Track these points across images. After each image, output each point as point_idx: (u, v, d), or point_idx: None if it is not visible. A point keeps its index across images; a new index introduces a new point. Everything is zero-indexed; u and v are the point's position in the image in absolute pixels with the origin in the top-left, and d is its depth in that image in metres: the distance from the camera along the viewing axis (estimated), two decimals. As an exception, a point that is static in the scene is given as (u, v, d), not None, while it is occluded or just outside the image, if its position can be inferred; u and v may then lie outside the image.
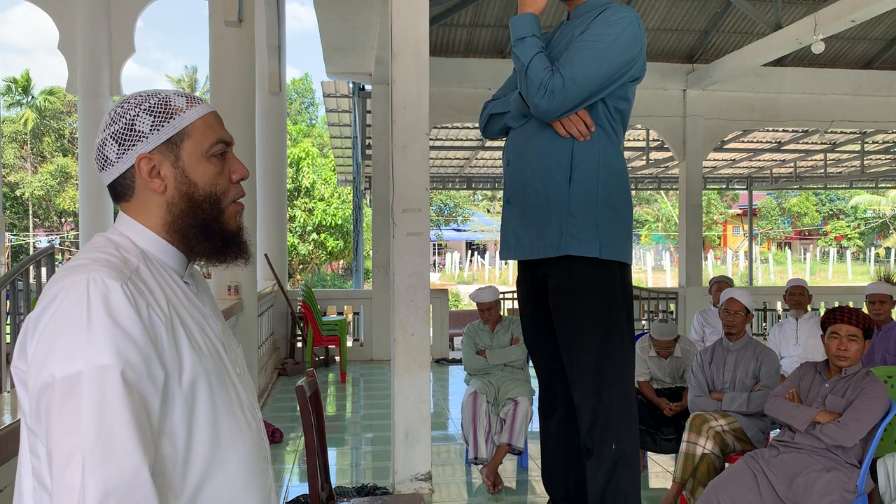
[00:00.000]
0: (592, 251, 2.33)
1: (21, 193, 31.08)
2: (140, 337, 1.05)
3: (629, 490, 2.43)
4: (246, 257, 1.28)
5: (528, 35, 2.35)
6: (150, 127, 1.17)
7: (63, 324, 1.03)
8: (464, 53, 9.02)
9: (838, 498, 2.86)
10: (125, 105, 1.20)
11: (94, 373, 1.00)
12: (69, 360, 1.00)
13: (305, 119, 38.31)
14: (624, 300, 2.45)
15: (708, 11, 8.75)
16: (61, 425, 0.99)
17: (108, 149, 1.18)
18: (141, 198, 1.20)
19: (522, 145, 2.48)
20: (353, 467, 4.92)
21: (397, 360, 4.11)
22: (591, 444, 2.43)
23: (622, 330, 2.42)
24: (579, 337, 2.40)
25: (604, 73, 2.26)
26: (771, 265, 34.79)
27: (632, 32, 2.30)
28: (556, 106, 2.26)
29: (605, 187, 2.36)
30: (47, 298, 1.06)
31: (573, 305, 2.39)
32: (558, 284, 2.41)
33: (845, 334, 3.10)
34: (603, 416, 2.39)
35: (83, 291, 1.04)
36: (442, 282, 31.43)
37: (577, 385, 2.44)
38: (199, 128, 1.21)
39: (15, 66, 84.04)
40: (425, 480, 4.08)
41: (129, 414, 1.01)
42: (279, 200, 9.28)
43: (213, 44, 5.69)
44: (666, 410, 4.37)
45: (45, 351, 1.02)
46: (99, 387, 1.00)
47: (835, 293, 11.21)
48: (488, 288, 4.88)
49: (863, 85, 9.69)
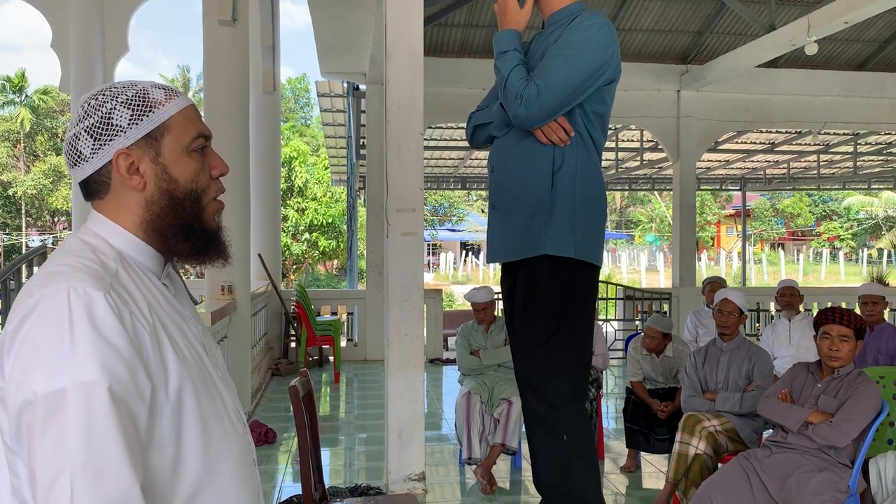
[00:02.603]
0: (567, 251, 2.39)
1: (14, 192, 30.97)
2: (125, 349, 1.00)
3: (586, 482, 2.45)
4: (226, 258, 1.23)
5: (510, 49, 2.44)
6: (129, 121, 1.11)
7: (43, 337, 0.97)
8: (458, 54, 9.03)
9: (830, 498, 2.87)
10: (100, 97, 1.13)
11: (80, 389, 0.95)
12: (52, 376, 0.95)
13: (299, 118, 38.25)
14: (587, 298, 2.50)
15: (702, 13, 8.78)
16: (45, 445, 0.93)
17: (81, 144, 1.12)
18: (116, 195, 1.14)
19: (506, 153, 2.55)
20: (346, 467, 4.91)
21: (391, 360, 4.11)
22: (542, 440, 2.46)
23: (578, 326, 2.46)
24: (534, 329, 2.45)
25: (576, 78, 2.32)
26: (764, 266, 34.90)
27: (601, 37, 2.35)
28: (532, 114, 2.32)
29: (581, 191, 2.43)
30: (24, 309, 1.00)
31: (535, 299, 2.45)
32: (525, 278, 2.48)
33: (837, 335, 3.11)
34: (552, 409, 2.43)
35: (64, 302, 0.99)
36: (436, 282, 31.43)
37: (524, 377, 2.49)
38: (180, 122, 1.15)
39: (5, 64, 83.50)
40: (419, 480, 4.08)
41: (118, 431, 0.96)
42: (273, 200, 9.26)
43: (207, 43, 5.68)
44: (659, 413, 4.38)
45: (25, 366, 0.96)
46: (86, 404, 0.95)
47: (827, 294, 11.25)
48: (484, 288, 4.89)
49: (856, 86, 9.73)
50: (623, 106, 9.05)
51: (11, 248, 30.32)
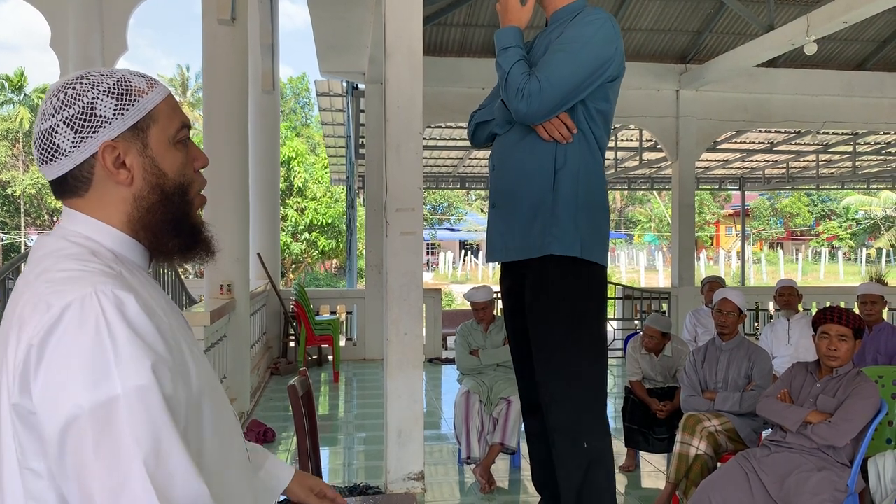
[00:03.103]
0: (574, 251, 2.36)
1: (12, 192, 30.93)
2: (162, 349, 0.96)
3: (604, 489, 2.44)
4: (213, 253, 1.17)
5: (511, 45, 2.41)
6: (114, 111, 1.03)
7: (80, 346, 0.89)
8: (458, 53, 9.02)
9: (829, 497, 2.87)
10: (78, 87, 1.04)
11: (133, 395, 0.89)
12: (97, 386, 0.88)
13: (300, 118, 38.22)
14: (598, 301, 2.48)
15: (701, 12, 8.78)
16: (102, 460, 0.87)
17: (60, 137, 1.03)
18: (99, 192, 1.06)
19: (507, 150, 2.52)
20: (345, 467, 4.91)
21: (390, 359, 4.11)
22: (563, 445, 2.42)
23: (592, 329, 2.44)
24: (549, 334, 2.41)
25: (579, 74, 2.29)
26: (763, 265, 34.91)
27: (605, 33, 2.32)
28: (534, 109, 2.29)
29: (584, 189, 2.40)
30: (47, 320, 0.91)
31: (546, 303, 2.41)
32: (534, 282, 2.44)
33: (835, 334, 3.11)
34: (572, 415, 2.40)
35: (95, 306, 0.91)
36: (435, 281, 31.43)
37: (546, 382, 2.45)
38: (164, 111, 1.09)
39: (3, 63, 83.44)
40: (418, 480, 4.08)
41: (176, 433, 0.91)
42: (272, 199, 9.26)
43: (206, 42, 5.67)
44: (658, 412, 4.38)
45: (63, 381, 0.88)
46: (142, 410, 0.89)
47: (826, 293, 11.25)
48: (483, 287, 4.88)
49: (855, 86, 9.74)
50: (622, 105, 8.94)
51: (10, 248, 30.30)
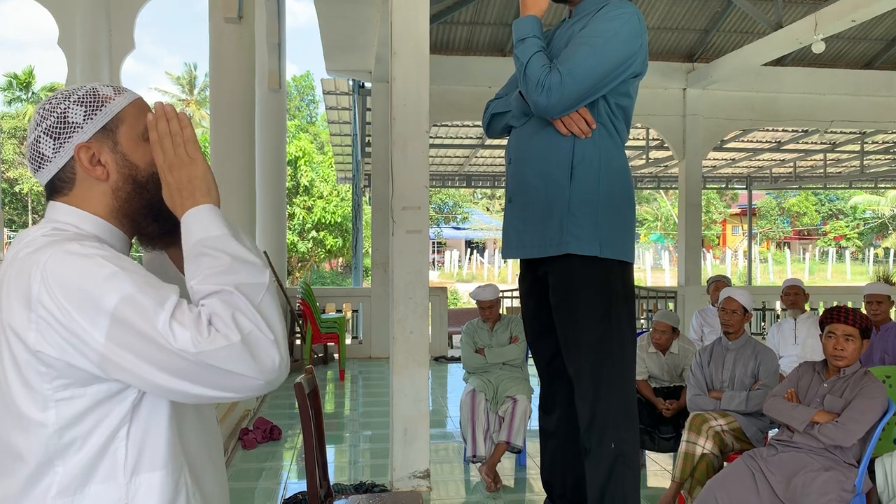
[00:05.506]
0: (593, 250, 2.32)
1: (20, 189, 31.07)
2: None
3: (628, 490, 2.42)
4: None
5: (529, 36, 2.34)
6: (84, 116, 1.17)
7: (74, 277, 1.03)
8: (464, 51, 9.02)
9: (836, 497, 2.86)
10: (52, 101, 1.19)
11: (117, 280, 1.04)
12: (112, 289, 1.02)
13: (305, 115, 38.26)
14: (625, 299, 2.43)
15: (708, 10, 8.75)
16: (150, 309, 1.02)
17: (43, 146, 1.17)
18: (82, 189, 1.19)
19: (523, 144, 2.47)
20: (351, 464, 4.92)
21: (396, 357, 4.11)
22: (590, 444, 2.41)
23: (622, 328, 2.41)
24: (579, 336, 2.39)
25: (602, 68, 2.23)
26: (770, 265, 34.79)
27: (631, 27, 2.27)
28: (554, 102, 2.23)
29: (606, 185, 2.34)
30: (30, 280, 1.04)
31: (573, 304, 2.38)
32: (558, 283, 2.40)
33: (842, 334, 3.10)
34: (602, 415, 2.38)
35: (74, 250, 1.06)
36: (441, 280, 31.41)
37: (577, 384, 2.44)
38: (132, 112, 1.21)
39: (9, 61, 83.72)
40: (424, 478, 4.09)
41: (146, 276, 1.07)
42: (278, 198, 9.27)
43: (213, 40, 5.68)
44: (664, 411, 4.37)
45: (80, 298, 1.02)
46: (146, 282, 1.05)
47: (833, 293, 11.22)
48: (489, 286, 4.88)
49: (863, 85, 9.70)
50: (629, 104, 9.02)
51: (18, 245, 30.39)
